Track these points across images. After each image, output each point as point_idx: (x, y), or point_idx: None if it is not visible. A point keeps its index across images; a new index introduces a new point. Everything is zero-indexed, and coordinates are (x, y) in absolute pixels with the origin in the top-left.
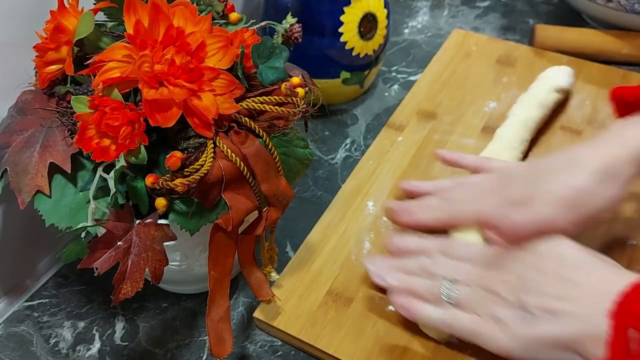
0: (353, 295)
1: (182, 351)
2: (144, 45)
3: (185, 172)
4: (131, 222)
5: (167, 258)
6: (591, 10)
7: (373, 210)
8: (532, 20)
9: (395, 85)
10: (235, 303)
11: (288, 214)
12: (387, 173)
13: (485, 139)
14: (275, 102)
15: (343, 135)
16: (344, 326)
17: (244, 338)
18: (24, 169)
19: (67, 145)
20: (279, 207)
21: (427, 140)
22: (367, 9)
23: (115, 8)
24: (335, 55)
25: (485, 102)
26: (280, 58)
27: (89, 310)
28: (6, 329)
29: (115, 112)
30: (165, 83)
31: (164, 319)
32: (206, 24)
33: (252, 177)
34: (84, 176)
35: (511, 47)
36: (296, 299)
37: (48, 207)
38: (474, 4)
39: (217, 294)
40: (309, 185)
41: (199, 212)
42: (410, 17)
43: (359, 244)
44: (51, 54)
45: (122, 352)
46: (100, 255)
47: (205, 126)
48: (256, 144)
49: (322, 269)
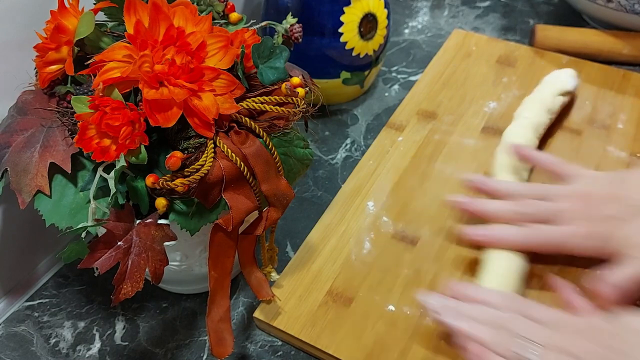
0: (353, 295)
1: (182, 351)
2: (144, 45)
3: (186, 172)
4: (131, 222)
5: (167, 258)
6: (591, 11)
7: (373, 210)
8: (533, 20)
9: (396, 85)
10: (235, 303)
11: (288, 214)
12: (387, 173)
13: (485, 139)
14: (276, 102)
15: (343, 135)
16: (344, 326)
17: (244, 338)
18: (24, 168)
19: (68, 145)
20: (279, 207)
21: (427, 140)
22: (367, 9)
23: (116, 8)
24: (336, 55)
25: (485, 102)
26: (280, 58)
27: (89, 310)
28: (6, 329)
29: (116, 112)
30: (165, 83)
31: (164, 319)
32: (206, 24)
33: (252, 177)
34: (84, 176)
35: (511, 47)
36: (296, 299)
37: (48, 207)
38: (474, 4)
39: (217, 294)
40: (309, 185)
41: (199, 212)
42: (411, 17)
43: (359, 244)
44: (51, 54)
45: (122, 352)
46: (100, 255)
47: (206, 126)
48: (256, 144)
49: (322, 269)
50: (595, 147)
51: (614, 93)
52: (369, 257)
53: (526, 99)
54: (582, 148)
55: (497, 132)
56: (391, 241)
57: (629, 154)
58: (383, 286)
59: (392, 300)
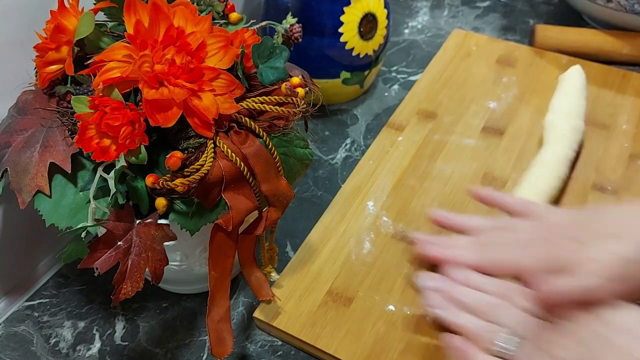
0: (353, 295)
1: (182, 351)
2: (144, 45)
3: (186, 172)
4: (131, 222)
5: (167, 258)
6: (591, 11)
7: (373, 210)
8: (532, 20)
9: (396, 85)
10: (235, 303)
11: (288, 214)
12: (387, 173)
13: (485, 139)
14: (276, 102)
15: (343, 135)
16: (344, 326)
17: (244, 338)
18: (24, 168)
19: (68, 145)
20: (279, 207)
21: (427, 140)
22: (367, 9)
23: (116, 8)
24: (336, 55)
25: (485, 102)
26: (280, 58)
27: (89, 310)
28: (6, 329)
29: (116, 112)
30: (165, 83)
31: (164, 319)
32: (206, 24)
33: (252, 177)
34: (84, 176)
35: (511, 47)
36: (296, 299)
37: (48, 207)
38: (474, 4)
39: (217, 294)
40: (309, 185)
41: (199, 212)
42: (411, 17)
43: (359, 244)
44: (51, 54)
45: (122, 352)
46: (100, 255)
47: (206, 126)
48: (256, 144)
49: (322, 269)
50: (595, 147)
51: (614, 93)
52: (369, 257)
53: (563, 106)
54: (582, 148)
55: (497, 132)
56: (391, 241)
57: (629, 154)
58: (383, 286)
59: (392, 300)
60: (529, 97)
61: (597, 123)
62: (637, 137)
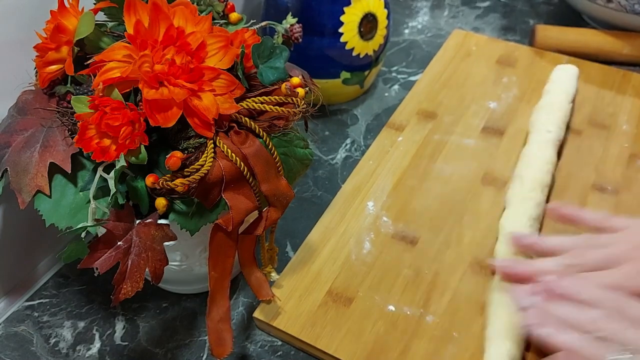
0: (353, 295)
1: (182, 351)
2: (144, 45)
3: (186, 172)
4: (131, 222)
5: (167, 258)
6: (591, 11)
7: (373, 211)
8: (532, 20)
9: (396, 85)
10: (235, 303)
11: (288, 214)
12: (387, 173)
13: (485, 139)
14: (276, 102)
15: (343, 135)
16: (344, 326)
17: (244, 338)
18: (24, 168)
19: (68, 145)
20: (279, 207)
21: (427, 140)
22: (367, 9)
23: (116, 8)
24: (336, 55)
25: (485, 102)
26: (280, 58)
27: (89, 310)
28: (6, 329)
29: (116, 112)
30: (165, 83)
31: (164, 319)
32: (206, 24)
33: (252, 177)
34: (84, 176)
35: (511, 47)
36: (296, 299)
37: (48, 207)
38: (474, 4)
39: (217, 294)
40: (309, 185)
41: (199, 212)
42: (411, 17)
43: (359, 244)
44: (51, 53)
45: (122, 352)
46: (100, 255)
47: (206, 126)
48: (256, 144)
49: (322, 269)
50: (595, 147)
51: (614, 93)
52: (369, 257)
53: (542, 108)
54: (582, 148)
55: (497, 132)
56: (391, 241)
57: (629, 154)
58: (383, 286)
59: (392, 300)
60: (529, 97)
61: (597, 123)
62: (637, 137)
